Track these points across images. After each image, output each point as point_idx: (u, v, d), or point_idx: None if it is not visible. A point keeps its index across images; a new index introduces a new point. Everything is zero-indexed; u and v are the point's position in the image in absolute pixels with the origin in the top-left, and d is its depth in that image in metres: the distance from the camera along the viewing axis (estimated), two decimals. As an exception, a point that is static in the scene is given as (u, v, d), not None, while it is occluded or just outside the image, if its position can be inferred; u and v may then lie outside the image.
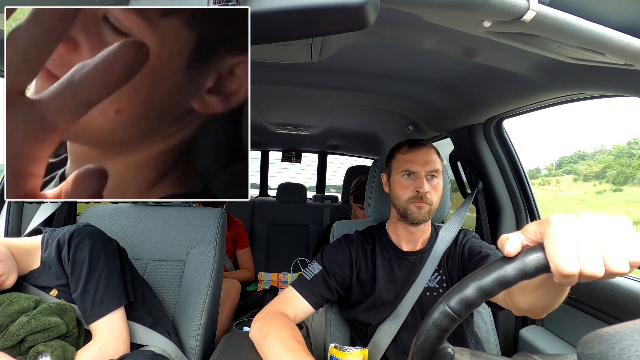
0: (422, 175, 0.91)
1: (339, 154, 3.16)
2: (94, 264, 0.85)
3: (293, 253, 2.43)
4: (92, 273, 0.84)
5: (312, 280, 0.94)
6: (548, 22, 0.49)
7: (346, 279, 0.96)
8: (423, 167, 0.91)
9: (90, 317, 0.82)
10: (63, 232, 0.88)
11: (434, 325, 0.40)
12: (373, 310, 0.95)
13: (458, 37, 0.75)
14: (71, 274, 0.84)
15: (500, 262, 0.38)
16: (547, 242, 0.36)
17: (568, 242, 0.35)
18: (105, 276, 0.85)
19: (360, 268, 0.97)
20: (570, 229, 0.36)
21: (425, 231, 0.99)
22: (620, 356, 0.28)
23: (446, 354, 0.42)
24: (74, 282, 0.84)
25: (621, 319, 0.67)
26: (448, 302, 0.39)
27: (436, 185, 0.92)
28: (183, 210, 1.22)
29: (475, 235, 1.02)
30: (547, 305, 0.57)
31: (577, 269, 0.35)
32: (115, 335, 0.82)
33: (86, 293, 0.83)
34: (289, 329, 0.79)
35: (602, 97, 0.93)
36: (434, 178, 0.92)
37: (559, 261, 0.35)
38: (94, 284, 0.84)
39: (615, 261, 0.34)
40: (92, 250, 0.86)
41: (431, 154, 0.94)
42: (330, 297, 0.95)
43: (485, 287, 0.38)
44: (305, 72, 1.19)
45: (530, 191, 1.37)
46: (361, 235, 1.04)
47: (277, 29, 0.49)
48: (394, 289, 0.95)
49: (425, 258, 0.96)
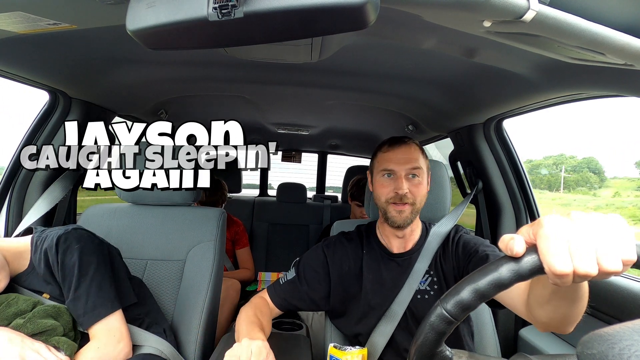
0: (402, 174, 0.88)
1: (339, 154, 3.16)
2: (84, 269, 0.82)
3: (293, 253, 2.42)
4: (82, 279, 0.81)
5: (283, 285, 0.96)
6: (548, 22, 0.49)
7: (322, 283, 0.95)
8: (403, 166, 0.88)
9: (84, 324, 0.81)
10: (51, 236, 0.85)
11: (431, 328, 0.40)
12: (364, 320, 0.94)
13: (458, 37, 0.75)
14: (62, 280, 0.82)
15: (495, 264, 0.38)
16: (540, 243, 0.36)
17: (560, 243, 0.35)
18: (97, 281, 0.82)
19: (341, 269, 0.95)
20: (562, 229, 0.36)
21: (414, 231, 0.96)
22: (620, 356, 0.28)
23: (444, 356, 0.42)
24: (65, 289, 0.82)
25: (621, 319, 0.67)
26: (445, 305, 0.39)
27: (418, 184, 0.89)
28: (183, 210, 1.22)
29: (467, 231, 0.99)
30: (567, 316, 0.56)
31: (570, 269, 0.35)
32: (113, 335, 0.81)
33: (77, 300, 0.80)
34: (257, 310, 0.91)
35: (602, 97, 0.93)
36: (415, 177, 0.89)
37: (551, 261, 0.35)
38: (85, 290, 0.81)
39: (609, 260, 0.34)
40: (81, 255, 0.82)
41: (412, 151, 0.91)
42: (300, 304, 0.95)
43: (480, 289, 0.38)
44: (305, 72, 1.19)
45: (530, 191, 1.37)
46: (345, 236, 1.01)
47: (277, 29, 0.49)
48: (382, 292, 0.93)
49: (415, 258, 0.93)
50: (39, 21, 0.69)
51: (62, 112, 1.27)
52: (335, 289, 0.95)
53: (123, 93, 1.33)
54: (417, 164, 0.89)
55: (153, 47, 0.55)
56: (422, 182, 0.91)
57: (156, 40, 0.53)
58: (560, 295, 0.53)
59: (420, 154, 0.92)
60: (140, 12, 0.49)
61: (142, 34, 0.50)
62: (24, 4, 0.63)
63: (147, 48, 0.55)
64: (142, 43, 0.53)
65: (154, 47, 0.55)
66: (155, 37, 0.52)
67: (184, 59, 1.15)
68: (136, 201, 1.22)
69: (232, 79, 1.28)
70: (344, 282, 0.95)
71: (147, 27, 0.49)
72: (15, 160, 1.23)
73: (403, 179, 0.88)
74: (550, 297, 0.55)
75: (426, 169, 0.93)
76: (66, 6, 0.65)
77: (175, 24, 0.47)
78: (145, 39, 0.52)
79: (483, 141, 1.40)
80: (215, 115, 2.04)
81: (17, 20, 0.68)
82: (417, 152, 0.92)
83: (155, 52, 0.99)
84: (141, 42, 0.53)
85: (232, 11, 0.45)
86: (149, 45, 0.54)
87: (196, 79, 1.30)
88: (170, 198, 1.20)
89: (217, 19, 0.45)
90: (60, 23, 0.70)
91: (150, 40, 0.53)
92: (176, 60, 1.15)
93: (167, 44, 0.54)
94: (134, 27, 0.50)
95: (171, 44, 0.54)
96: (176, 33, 0.50)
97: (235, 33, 0.50)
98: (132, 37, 0.52)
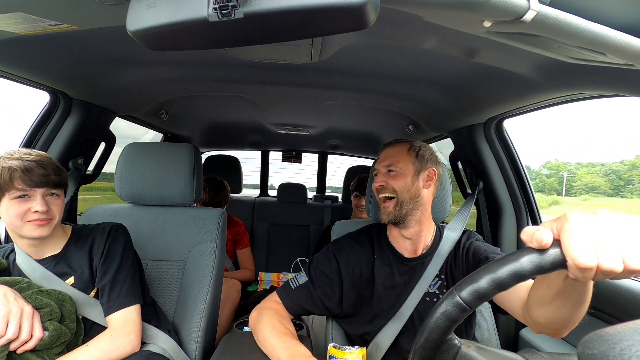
0: (381, 172, 0.94)
1: (339, 154, 3.15)
2: (125, 259, 0.91)
3: (293, 253, 2.42)
4: (122, 267, 0.90)
5: (295, 289, 0.94)
6: (548, 22, 0.49)
7: (335, 290, 0.94)
8: (382, 164, 0.95)
9: (113, 307, 0.86)
10: (100, 227, 0.95)
11: (443, 314, 0.39)
12: (374, 320, 0.94)
13: (458, 37, 0.75)
14: (102, 262, 0.89)
15: (516, 255, 0.38)
16: (565, 236, 0.36)
17: (586, 237, 0.35)
18: (132, 273, 0.92)
19: (353, 275, 0.95)
20: (588, 224, 0.36)
21: (425, 235, 0.96)
22: (621, 356, 0.28)
23: (452, 345, 0.42)
24: (103, 271, 0.89)
25: (622, 319, 0.67)
26: (460, 292, 0.39)
27: (396, 176, 0.92)
28: (183, 210, 1.22)
29: (478, 237, 1.00)
30: (566, 318, 0.56)
31: (595, 263, 0.34)
32: (128, 325, 0.85)
33: (115, 283, 0.88)
34: (279, 317, 0.88)
35: (602, 97, 0.93)
36: (392, 171, 0.93)
37: (575, 254, 0.35)
38: (123, 277, 0.89)
39: (635, 258, 0.34)
40: (125, 247, 0.93)
41: (395, 151, 0.95)
42: (313, 309, 0.94)
43: (499, 279, 0.37)
44: (305, 72, 1.19)
45: (530, 191, 1.37)
46: (354, 238, 1.01)
47: (277, 29, 0.49)
48: (394, 294, 0.93)
49: (428, 262, 0.94)
50: (40, 22, 0.69)
51: (63, 112, 1.27)
52: (348, 294, 0.94)
53: (123, 93, 1.33)
54: (393, 160, 0.93)
55: (153, 47, 0.55)
56: (402, 174, 0.92)
57: (156, 41, 0.53)
58: (565, 297, 0.53)
59: (407, 151, 0.94)
60: (141, 13, 0.49)
61: (143, 34, 0.50)
62: (24, 5, 0.63)
63: (148, 48, 0.55)
64: (142, 43, 0.53)
65: (154, 47, 0.55)
66: (156, 38, 0.52)
67: (184, 60, 1.15)
68: (137, 201, 1.22)
69: (233, 80, 1.28)
70: (356, 287, 0.94)
71: (147, 27, 0.49)
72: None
73: (381, 175, 0.94)
74: (553, 298, 0.54)
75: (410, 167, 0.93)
76: (67, 7, 0.65)
77: (175, 24, 0.47)
78: (146, 39, 0.52)
79: (483, 141, 1.40)
80: (216, 116, 2.05)
81: (17, 21, 0.69)
82: (401, 151, 0.95)
83: (155, 53, 1.00)
84: (141, 42, 0.53)
85: (232, 12, 0.45)
86: (149, 45, 0.54)
87: (196, 80, 1.30)
88: (170, 198, 1.20)
89: (217, 19, 0.45)
90: (61, 24, 0.70)
91: (150, 40, 0.53)
92: (176, 60, 1.15)
93: (168, 44, 0.54)
94: (134, 28, 0.50)
95: (171, 45, 0.54)
96: (176, 33, 0.50)
97: (236, 33, 0.50)
98: (132, 38, 0.52)
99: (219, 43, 0.55)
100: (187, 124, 2.15)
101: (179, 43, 0.53)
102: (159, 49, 0.55)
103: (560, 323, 0.57)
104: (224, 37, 0.52)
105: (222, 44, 0.55)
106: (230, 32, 0.49)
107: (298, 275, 0.97)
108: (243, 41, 0.53)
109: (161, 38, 0.52)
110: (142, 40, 0.52)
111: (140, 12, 0.49)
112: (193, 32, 0.49)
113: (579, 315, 0.55)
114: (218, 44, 0.55)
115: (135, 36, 0.51)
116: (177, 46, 0.54)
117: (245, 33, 0.50)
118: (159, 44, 0.54)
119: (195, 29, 0.48)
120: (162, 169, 1.18)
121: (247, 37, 0.51)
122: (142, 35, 0.51)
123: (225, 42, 0.54)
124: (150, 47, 0.54)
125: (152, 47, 0.54)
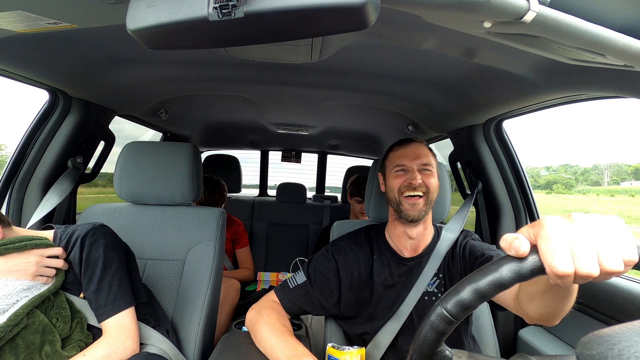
0: (414, 168, 0.93)
1: (339, 154, 3.16)
2: (109, 263, 0.86)
3: (292, 253, 2.43)
4: (106, 272, 0.85)
5: (293, 289, 0.94)
6: (548, 23, 0.49)
7: (333, 290, 0.94)
8: (414, 161, 0.93)
9: (103, 315, 0.84)
10: (78, 230, 0.89)
11: (431, 328, 0.40)
12: (373, 320, 0.94)
13: (458, 38, 0.75)
14: (84, 272, 0.85)
15: (496, 264, 0.38)
16: (541, 244, 0.36)
17: (561, 243, 0.35)
18: (118, 276, 0.87)
19: (352, 276, 0.95)
20: (563, 230, 0.36)
21: (426, 235, 0.97)
22: (619, 357, 0.28)
23: (444, 356, 0.42)
24: (86, 280, 0.85)
25: (620, 320, 0.67)
26: (445, 304, 0.39)
27: (430, 175, 0.93)
28: (183, 209, 1.22)
29: (475, 236, 1.01)
30: (556, 311, 0.57)
31: (572, 269, 0.35)
32: (124, 331, 0.84)
33: (100, 291, 0.84)
34: (277, 316, 0.88)
35: (602, 98, 0.93)
36: (427, 172, 0.93)
37: (553, 262, 0.35)
38: (108, 282, 0.85)
39: (610, 260, 0.34)
40: (106, 249, 0.87)
41: (422, 148, 0.96)
42: (310, 309, 0.94)
43: (481, 289, 0.38)
44: (305, 72, 1.19)
45: (529, 192, 1.37)
46: (353, 239, 1.01)
47: (277, 29, 0.49)
48: (393, 294, 0.94)
49: (425, 261, 0.95)
50: (39, 20, 0.69)
51: (62, 111, 1.27)
52: (346, 295, 0.95)
53: (123, 92, 1.33)
54: (427, 160, 0.94)
55: (153, 46, 0.55)
56: (433, 173, 0.95)
57: (156, 40, 0.53)
58: (553, 292, 0.54)
59: (430, 152, 0.97)
60: (141, 12, 0.49)
61: (142, 33, 0.50)
62: (24, 3, 0.63)
63: (147, 48, 0.55)
64: (142, 43, 0.53)
65: (154, 46, 0.55)
66: (156, 37, 0.51)
67: (184, 59, 1.15)
68: (136, 201, 1.22)
69: (232, 79, 1.28)
70: (354, 288, 0.95)
71: (147, 26, 0.49)
72: (15, 160, 1.23)
73: (416, 171, 0.92)
74: (541, 294, 0.56)
75: (436, 167, 0.97)
76: (66, 5, 0.65)
77: (175, 23, 0.47)
78: (146, 38, 0.52)
79: (483, 142, 1.40)
80: (215, 115, 2.05)
81: (17, 20, 0.68)
82: (427, 150, 0.97)
83: (155, 52, 0.99)
84: (141, 41, 0.53)
85: (233, 11, 0.45)
86: (149, 45, 0.54)
87: (196, 79, 1.30)
88: (170, 198, 1.20)
89: (218, 18, 0.45)
90: (61, 22, 0.70)
91: (150, 39, 0.53)
92: (176, 60, 1.15)
93: (167, 43, 0.54)
94: (134, 27, 0.50)
95: (171, 44, 0.54)
96: (176, 33, 0.50)
97: (236, 33, 0.50)
98: (132, 37, 0.52)
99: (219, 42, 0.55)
100: (186, 123, 2.15)
101: (179, 42, 0.53)
102: (158, 48, 0.55)
103: (551, 315, 0.60)
104: (224, 36, 0.52)
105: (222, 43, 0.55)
106: (231, 31, 0.49)
107: (296, 275, 0.97)
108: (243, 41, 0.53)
109: (161, 37, 0.51)
110: (142, 40, 0.52)
111: (140, 11, 0.49)
112: (193, 31, 0.49)
113: (567, 306, 0.57)
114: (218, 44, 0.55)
115: (135, 35, 0.51)
116: (177, 45, 0.54)
117: (246, 32, 0.50)
118: (159, 43, 0.54)
119: (195, 28, 0.48)
120: (161, 168, 1.18)
121: (247, 36, 0.51)
122: (142, 35, 0.51)
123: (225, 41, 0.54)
124: (150, 46, 0.54)
125: (151, 46, 0.54)
